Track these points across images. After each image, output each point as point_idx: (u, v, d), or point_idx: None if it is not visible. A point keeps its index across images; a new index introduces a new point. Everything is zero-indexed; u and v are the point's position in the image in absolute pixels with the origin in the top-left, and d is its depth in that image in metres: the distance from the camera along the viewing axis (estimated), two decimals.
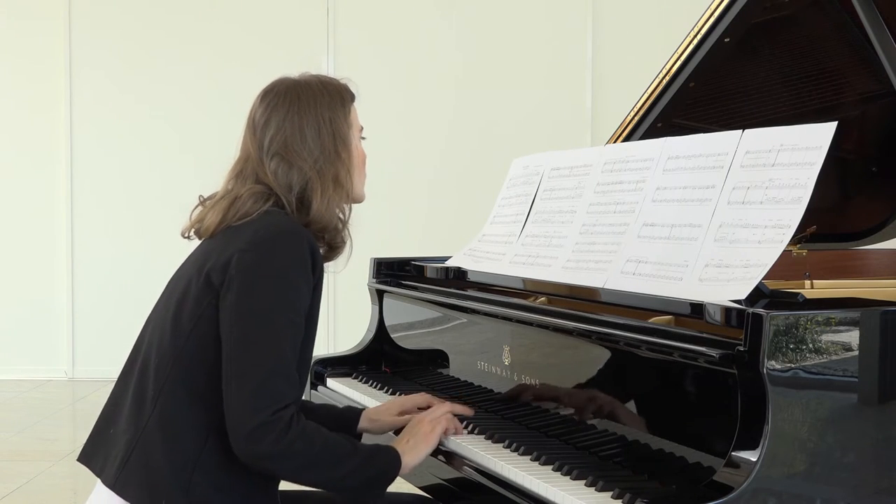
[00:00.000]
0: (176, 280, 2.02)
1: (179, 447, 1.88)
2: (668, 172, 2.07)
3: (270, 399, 1.81)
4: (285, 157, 1.98)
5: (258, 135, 2.01)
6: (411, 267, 2.86)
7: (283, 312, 1.86)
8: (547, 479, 1.80)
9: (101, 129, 7.14)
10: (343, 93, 2.08)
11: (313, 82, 2.06)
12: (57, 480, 4.58)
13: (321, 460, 1.86)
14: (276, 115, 2.00)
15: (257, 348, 1.83)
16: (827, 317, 1.58)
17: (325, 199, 1.98)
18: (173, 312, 1.94)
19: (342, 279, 7.07)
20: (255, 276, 1.86)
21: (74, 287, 7.20)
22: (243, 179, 2.01)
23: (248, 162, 2.02)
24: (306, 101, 2.01)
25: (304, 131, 1.99)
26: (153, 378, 1.92)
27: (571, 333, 2.02)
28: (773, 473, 1.53)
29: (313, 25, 7.10)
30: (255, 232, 1.90)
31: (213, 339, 1.88)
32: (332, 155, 2.00)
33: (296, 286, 1.88)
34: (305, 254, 1.89)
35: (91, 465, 2.00)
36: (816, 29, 2.69)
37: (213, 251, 1.95)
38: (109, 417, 2.01)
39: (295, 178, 1.97)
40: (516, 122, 7.01)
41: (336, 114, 2.04)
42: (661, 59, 2.85)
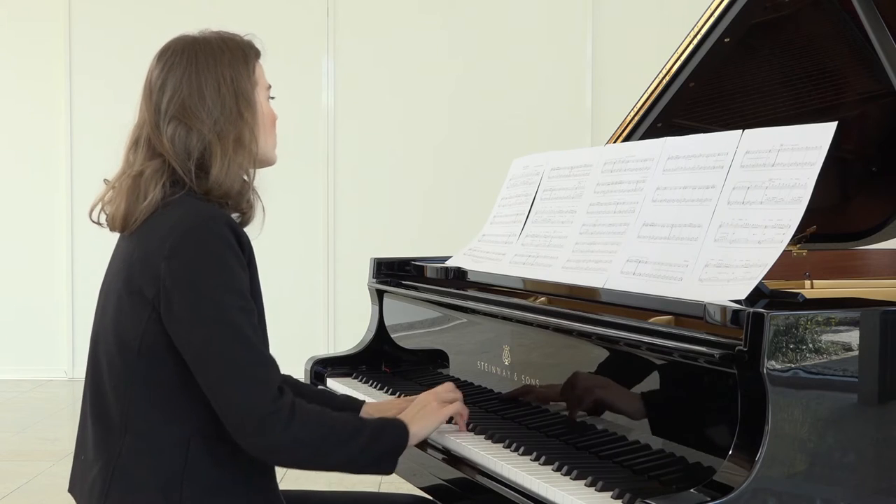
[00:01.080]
0: (105, 295, 1.94)
1: (163, 465, 1.83)
2: (668, 172, 2.07)
3: (262, 389, 1.78)
4: (183, 120, 1.88)
5: (154, 97, 1.91)
6: (411, 267, 2.86)
7: (232, 302, 1.79)
8: (547, 479, 1.80)
9: (101, 130, 7.14)
10: (246, 49, 1.97)
11: (213, 39, 1.95)
12: (57, 480, 4.57)
13: (331, 442, 1.83)
14: (172, 76, 1.90)
15: (225, 347, 1.78)
16: (827, 317, 1.58)
17: (226, 163, 1.87)
18: (114, 332, 1.87)
19: (342, 279, 7.08)
20: (191, 280, 1.79)
21: (74, 287, 7.20)
22: (139, 151, 1.92)
23: (143, 128, 1.92)
24: (205, 60, 1.91)
25: (203, 91, 1.89)
26: (114, 402, 1.86)
27: (571, 333, 2.02)
28: (773, 473, 1.53)
29: (313, 26, 7.10)
30: (170, 232, 1.82)
31: (164, 351, 1.82)
32: (233, 115, 1.90)
33: (232, 272, 1.80)
34: (228, 236, 1.81)
35: (74, 494, 1.97)
36: (816, 29, 2.69)
37: (132, 259, 1.87)
38: (81, 444, 1.96)
39: (194, 142, 1.87)
40: (516, 123, 7.01)
41: (238, 71, 1.92)
42: (661, 59, 2.85)
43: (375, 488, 4.29)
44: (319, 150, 7.14)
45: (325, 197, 7.13)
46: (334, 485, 4.41)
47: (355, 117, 7.16)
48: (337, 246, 7.12)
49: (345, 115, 7.15)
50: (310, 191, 7.12)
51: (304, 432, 1.80)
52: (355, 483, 4.42)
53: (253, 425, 1.77)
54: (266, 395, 1.78)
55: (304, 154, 7.08)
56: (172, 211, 1.86)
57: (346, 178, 7.15)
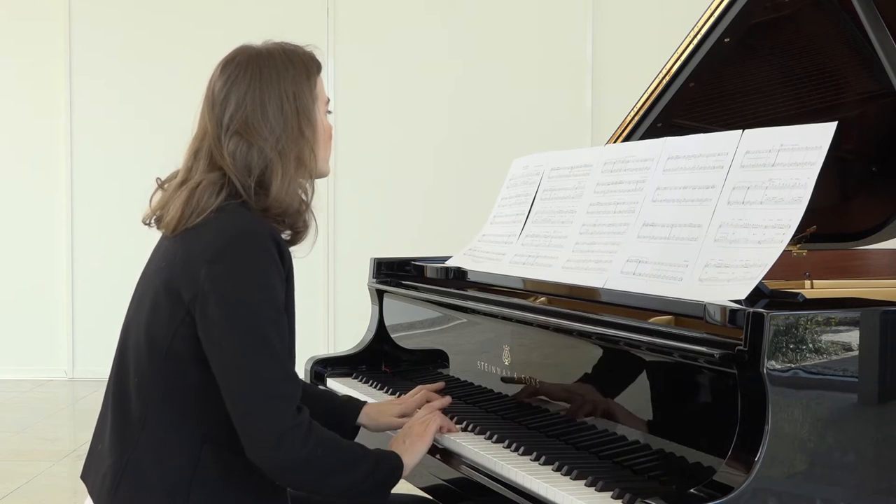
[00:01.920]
0: (142, 292, 1.95)
1: (173, 467, 1.83)
2: (668, 172, 2.07)
3: (285, 404, 1.78)
4: (245, 136, 1.87)
5: (216, 110, 1.90)
6: (411, 267, 2.86)
7: (267, 315, 1.80)
8: (547, 479, 1.80)
9: (101, 130, 7.14)
10: (309, 64, 1.96)
11: (276, 52, 1.93)
12: (57, 480, 4.58)
13: (339, 465, 1.84)
14: (236, 90, 1.89)
15: (253, 358, 1.78)
16: (827, 317, 1.58)
17: (287, 181, 1.88)
18: (145, 329, 1.88)
19: (342, 279, 7.08)
20: (230, 287, 1.79)
21: (74, 287, 7.20)
22: (199, 160, 1.91)
23: (204, 139, 1.91)
24: (269, 75, 1.90)
25: (266, 108, 1.88)
26: (136, 398, 1.87)
27: (571, 333, 2.02)
28: (773, 473, 1.53)
29: (313, 26, 7.10)
30: (216, 238, 1.82)
31: (192, 355, 1.83)
32: (295, 133, 1.90)
33: (270, 284, 1.81)
34: (271, 248, 1.82)
35: (86, 482, 1.97)
36: (816, 29, 2.69)
37: (174, 259, 1.87)
38: (98, 434, 1.97)
39: (255, 159, 1.87)
40: (516, 122, 7.01)
41: (301, 88, 1.92)
42: (661, 59, 2.85)
43: None
44: None
45: (325, 197, 7.11)
46: None
47: (355, 117, 7.16)
48: (337, 246, 7.12)
49: (345, 115, 7.15)
50: None
51: (318, 452, 1.80)
52: None
53: (272, 440, 1.77)
54: (288, 411, 1.78)
55: None
56: (222, 217, 1.86)
57: (346, 178, 7.14)
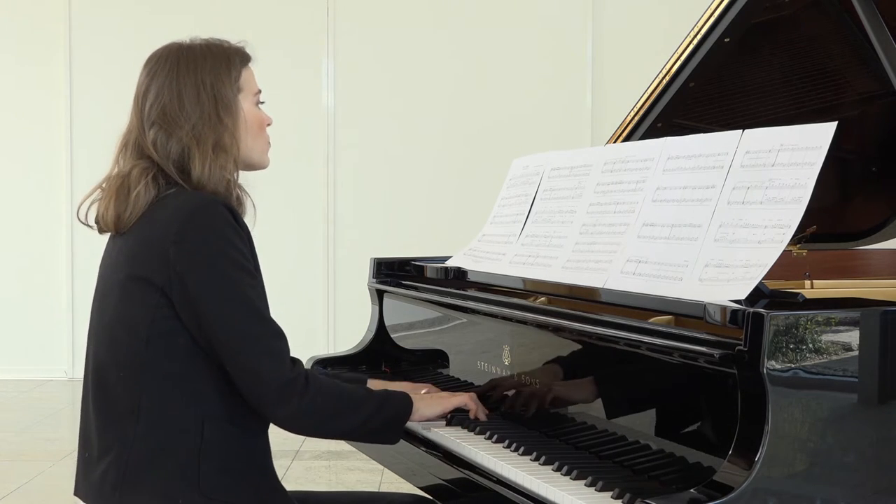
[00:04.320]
0: (103, 294, 1.98)
1: (179, 448, 1.87)
2: (668, 172, 2.07)
3: (279, 359, 1.87)
4: (163, 125, 1.94)
5: (139, 103, 1.98)
6: (411, 267, 2.86)
7: (244, 279, 1.87)
8: (547, 479, 1.80)
9: (101, 131, 7.13)
10: (231, 55, 2.02)
11: (197, 46, 2.01)
12: (57, 480, 4.58)
13: (343, 408, 1.94)
14: (155, 82, 1.96)
15: (242, 323, 1.85)
16: (827, 317, 1.58)
17: (206, 166, 1.93)
18: (119, 324, 1.90)
19: (342, 279, 7.08)
20: (203, 261, 1.86)
21: (74, 287, 7.20)
22: (127, 153, 1.98)
23: (131, 133, 1.99)
24: (185, 66, 1.96)
25: (182, 97, 1.94)
26: (123, 393, 1.89)
27: (571, 333, 2.02)
28: (773, 473, 1.53)
29: (313, 26, 7.10)
30: (172, 219, 1.87)
31: (175, 337, 1.87)
32: (212, 119, 1.95)
33: (238, 250, 1.88)
34: (227, 216, 1.89)
35: (80, 495, 1.99)
36: (816, 29, 2.69)
37: (133, 253, 1.91)
38: (84, 444, 1.99)
39: (173, 146, 1.93)
40: (516, 122, 7.01)
41: (219, 78, 1.98)
42: (661, 59, 2.85)
43: (375, 488, 4.29)
44: (319, 150, 7.15)
45: (325, 197, 7.13)
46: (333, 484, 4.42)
47: (355, 117, 7.16)
48: (337, 246, 7.12)
49: (345, 115, 7.16)
50: (310, 191, 7.12)
51: (319, 398, 1.90)
52: (355, 483, 4.43)
53: (273, 395, 1.86)
54: (283, 366, 1.87)
55: (304, 154, 7.08)
56: (170, 202, 1.91)
57: (346, 178, 7.14)
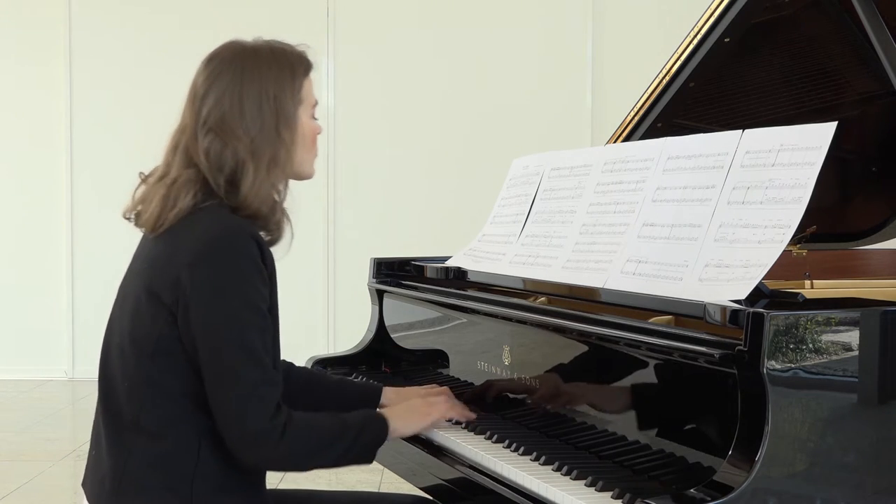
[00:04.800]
0: (124, 296, 1.96)
1: (174, 464, 1.85)
2: (668, 172, 2.07)
3: (262, 408, 1.79)
4: (219, 134, 1.87)
5: (196, 105, 1.90)
6: (411, 267, 2.86)
7: (249, 317, 1.80)
8: (547, 479, 1.80)
9: (101, 130, 7.14)
10: (295, 64, 1.95)
11: (263, 50, 1.93)
12: (57, 480, 4.58)
13: (319, 448, 1.88)
14: (217, 85, 1.89)
15: (234, 361, 1.78)
16: (827, 317, 1.58)
17: (257, 182, 1.86)
18: (129, 333, 1.88)
19: (342, 279, 7.08)
20: (212, 290, 1.79)
21: (74, 287, 7.20)
22: (176, 157, 1.91)
23: (183, 133, 1.92)
24: (251, 73, 1.89)
25: (244, 107, 1.87)
26: (126, 402, 1.87)
27: (571, 333, 2.02)
28: (773, 473, 1.53)
29: (313, 27, 7.10)
30: (196, 240, 1.82)
31: (178, 355, 1.83)
32: (271, 134, 1.89)
33: (253, 286, 1.81)
34: (253, 250, 1.82)
35: (85, 489, 1.98)
36: (816, 29, 2.69)
37: (155, 262, 1.88)
38: (94, 440, 1.98)
39: (227, 158, 1.86)
40: (516, 122, 7.01)
41: (283, 89, 1.91)
42: (661, 59, 2.85)
43: (375, 488, 4.29)
44: (320, 150, 7.12)
45: (325, 197, 7.12)
46: (333, 484, 4.42)
47: (355, 117, 7.16)
48: (337, 246, 7.12)
49: (345, 115, 7.15)
50: (310, 191, 7.11)
51: (294, 446, 1.84)
52: (355, 483, 4.43)
53: (248, 441, 1.81)
54: (265, 414, 1.80)
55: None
56: (201, 218, 1.86)
57: (346, 178, 7.14)
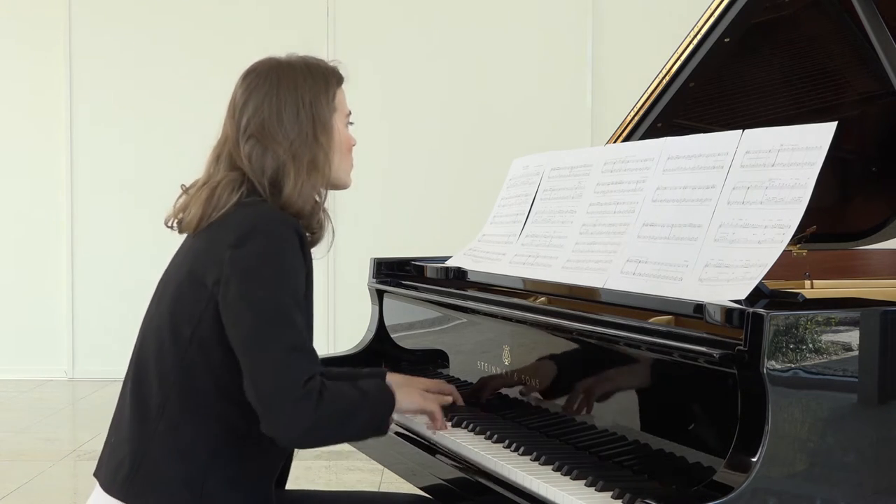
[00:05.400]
0: (164, 285, 2.00)
1: (191, 455, 1.87)
2: (668, 172, 2.07)
3: (297, 375, 1.82)
4: (260, 140, 1.95)
5: (236, 116, 1.99)
6: (411, 267, 2.86)
7: (286, 296, 1.85)
8: (547, 479, 1.81)
9: (101, 130, 7.14)
10: (328, 76, 2.04)
11: (297, 64, 2.03)
12: (57, 480, 4.58)
13: (345, 418, 1.90)
14: (255, 96, 1.98)
15: (270, 333, 1.83)
16: (827, 317, 1.58)
17: (299, 184, 1.95)
18: (168, 319, 1.92)
19: (342, 279, 7.08)
20: (252, 268, 1.85)
21: (74, 287, 7.20)
22: (220, 163, 2.00)
23: (225, 144, 2.00)
24: (287, 83, 1.98)
25: (282, 113, 1.96)
26: (156, 387, 1.90)
27: (571, 333, 2.02)
28: (773, 473, 1.53)
29: (313, 27, 7.10)
30: (239, 225, 1.88)
31: (215, 342, 1.87)
32: (309, 138, 1.97)
33: (292, 271, 1.87)
34: (294, 238, 1.88)
35: (98, 476, 1.98)
36: (816, 29, 2.70)
37: (198, 251, 1.93)
38: (115, 427, 2.00)
39: (269, 161, 1.95)
40: (516, 122, 7.01)
41: (318, 97, 2.00)
42: (661, 59, 2.85)
43: (375, 488, 4.29)
44: None
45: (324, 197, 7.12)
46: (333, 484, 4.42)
47: (355, 117, 7.14)
48: (337, 246, 7.10)
49: None
50: None
51: (325, 415, 1.85)
52: (355, 483, 4.43)
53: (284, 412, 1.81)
54: (298, 382, 1.82)
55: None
56: (245, 209, 1.93)
57: None
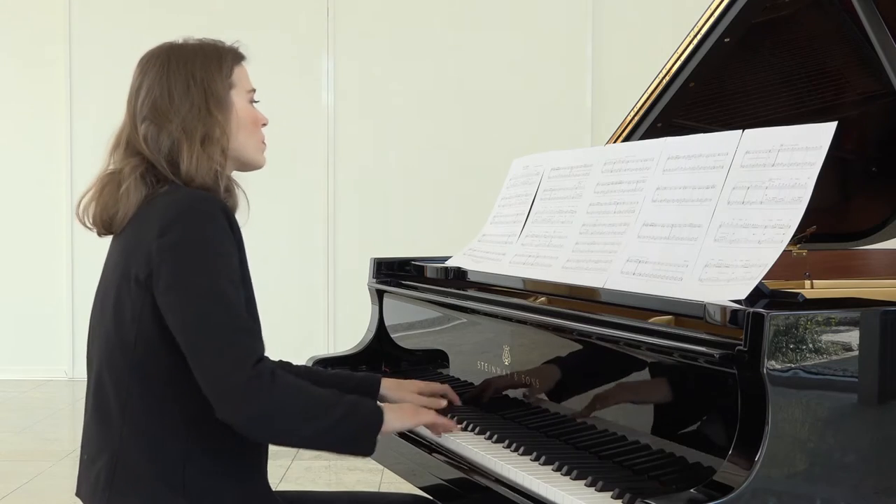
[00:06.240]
0: (103, 293, 1.98)
1: (164, 451, 1.86)
2: (668, 172, 2.07)
3: (244, 356, 1.79)
4: (154, 120, 1.95)
5: (132, 101, 2.00)
6: (411, 267, 2.86)
7: (221, 277, 1.82)
8: (547, 479, 1.80)
9: (101, 130, 7.13)
10: (222, 52, 2.03)
11: (189, 44, 2.02)
12: (57, 480, 4.58)
13: (309, 411, 1.84)
14: (147, 79, 1.98)
15: (211, 316, 1.80)
16: (827, 317, 1.58)
17: (194, 158, 1.92)
18: (112, 323, 1.90)
19: (342, 279, 7.08)
20: (181, 254, 1.83)
21: (74, 287, 7.20)
22: (119, 151, 1.99)
23: (123, 130, 2.00)
24: (177, 62, 1.98)
25: (173, 91, 1.96)
26: (114, 396, 1.89)
27: (571, 333, 2.02)
28: (773, 473, 1.53)
29: (313, 26, 7.10)
30: (161, 216, 1.86)
31: (160, 339, 1.84)
32: (202, 112, 1.95)
33: (221, 249, 1.85)
34: (219, 215, 1.86)
35: (80, 496, 1.99)
36: (816, 29, 2.70)
37: (126, 251, 1.91)
38: (84, 445, 1.99)
39: (164, 140, 1.94)
40: (516, 123, 7.01)
41: (209, 72, 1.98)
42: (661, 59, 2.85)
43: (375, 488, 4.29)
44: (319, 150, 7.15)
45: (325, 197, 7.12)
46: (333, 485, 4.42)
47: (355, 117, 7.16)
48: (337, 246, 7.12)
49: (345, 115, 7.15)
50: (310, 191, 7.12)
51: (285, 399, 1.80)
52: (355, 483, 4.43)
53: (236, 393, 1.77)
54: (246, 362, 1.78)
55: (304, 154, 7.08)
56: (161, 200, 1.91)
57: (346, 178, 7.14)
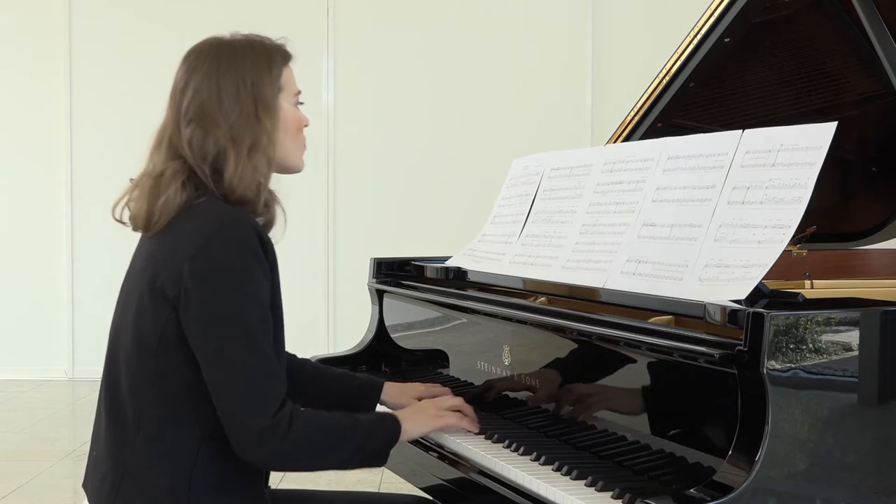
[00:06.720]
0: (127, 295, 1.96)
1: (173, 464, 1.84)
2: (668, 172, 2.07)
3: (266, 402, 1.79)
4: (200, 123, 1.88)
5: (177, 99, 1.93)
6: (411, 267, 2.86)
7: (251, 310, 1.80)
8: (547, 479, 1.81)
9: (101, 129, 7.14)
10: (272, 53, 1.95)
11: (238, 42, 1.95)
12: (57, 480, 4.58)
13: (327, 446, 1.86)
14: (194, 78, 1.91)
15: (237, 355, 1.78)
16: (827, 317, 1.58)
17: (239, 167, 1.87)
18: (133, 330, 1.88)
19: (342, 279, 7.08)
20: (213, 282, 1.80)
21: (74, 287, 7.20)
22: (161, 152, 1.93)
23: (166, 130, 1.94)
24: (227, 63, 1.91)
25: (222, 95, 1.89)
26: (129, 400, 1.87)
27: (571, 333, 2.02)
28: (773, 473, 1.53)
29: (313, 26, 7.10)
30: (196, 233, 1.83)
31: (182, 354, 1.83)
32: (251, 120, 1.89)
33: (254, 279, 1.81)
34: (253, 240, 1.83)
35: (86, 489, 1.98)
36: (816, 29, 2.70)
37: (156, 258, 1.88)
38: (95, 440, 1.98)
39: (210, 145, 1.88)
40: (516, 122, 7.01)
41: (260, 76, 1.91)
42: (661, 59, 2.85)
43: (375, 488, 4.29)
44: (319, 150, 7.14)
45: (325, 197, 7.12)
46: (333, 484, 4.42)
47: (355, 117, 7.16)
48: (337, 246, 7.12)
49: (345, 115, 7.15)
50: (310, 191, 7.12)
51: (300, 443, 1.82)
52: (355, 483, 4.42)
53: (251, 437, 1.79)
54: (268, 409, 1.79)
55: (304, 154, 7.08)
56: (198, 213, 1.87)
57: (346, 178, 7.14)
